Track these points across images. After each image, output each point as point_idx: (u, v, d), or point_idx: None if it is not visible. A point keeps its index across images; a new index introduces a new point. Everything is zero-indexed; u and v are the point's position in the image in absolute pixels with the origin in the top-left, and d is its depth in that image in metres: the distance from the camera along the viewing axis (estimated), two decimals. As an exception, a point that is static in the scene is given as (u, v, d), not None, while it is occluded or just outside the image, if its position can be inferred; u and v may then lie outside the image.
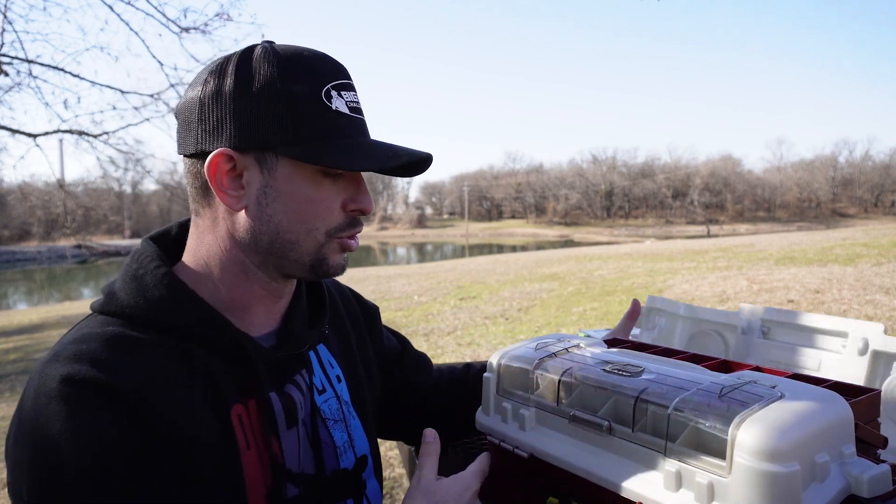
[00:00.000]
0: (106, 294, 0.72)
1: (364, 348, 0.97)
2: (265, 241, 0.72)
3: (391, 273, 14.22)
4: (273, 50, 0.71)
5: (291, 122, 0.68)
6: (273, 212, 0.71)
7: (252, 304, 0.77)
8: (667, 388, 0.67)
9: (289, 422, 0.76)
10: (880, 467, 0.58)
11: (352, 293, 1.03)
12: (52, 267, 34.46)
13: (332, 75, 0.72)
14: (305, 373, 0.81)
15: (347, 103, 0.73)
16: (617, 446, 0.69)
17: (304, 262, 0.74)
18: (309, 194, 0.71)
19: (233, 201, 0.71)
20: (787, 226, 64.88)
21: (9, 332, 9.21)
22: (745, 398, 0.62)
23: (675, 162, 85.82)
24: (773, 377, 0.68)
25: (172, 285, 0.71)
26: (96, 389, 0.60)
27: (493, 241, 57.62)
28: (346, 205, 0.75)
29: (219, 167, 0.70)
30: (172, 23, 7.63)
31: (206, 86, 0.71)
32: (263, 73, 0.69)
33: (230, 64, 0.70)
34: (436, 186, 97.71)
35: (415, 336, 6.39)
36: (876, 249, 10.04)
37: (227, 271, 0.75)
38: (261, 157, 0.70)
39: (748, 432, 0.56)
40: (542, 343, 0.88)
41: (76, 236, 18.53)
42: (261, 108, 0.68)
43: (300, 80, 0.69)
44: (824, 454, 0.58)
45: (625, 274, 9.57)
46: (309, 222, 0.72)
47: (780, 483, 0.54)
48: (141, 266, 0.73)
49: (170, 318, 0.69)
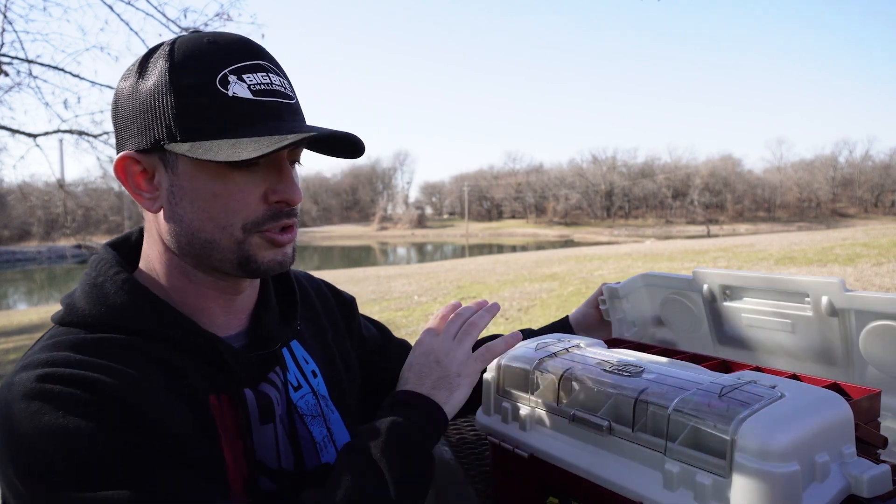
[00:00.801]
0: (66, 305, 0.71)
1: (341, 341, 0.96)
2: (185, 242, 0.70)
3: (391, 273, 14.22)
4: (171, 45, 0.68)
5: (181, 118, 0.66)
6: (183, 211, 0.69)
7: (206, 306, 0.75)
8: (667, 389, 0.67)
9: (263, 418, 0.75)
10: (880, 467, 0.58)
11: (326, 285, 1.02)
12: (52, 267, 34.44)
13: (232, 59, 0.67)
14: (280, 370, 0.80)
15: (251, 87, 0.67)
16: (617, 446, 0.69)
17: (229, 260, 0.70)
18: (215, 189, 0.67)
19: (148, 203, 0.71)
20: (787, 226, 64.89)
21: (9, 332, 9.21)
22: (745, 398, 0.61)
23: (675, 162, 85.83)
24: (773, 377, 0.68)
25: (134, 291, 0.70)
26: (79, 385, 0.59)
27: (493, 241, 57.61)
28: (268, 195, 0.70)
29: (127, 170, 0.70)
30: (172, 23, 7.62)
31: (119, 84, 0.71)
32: (157, 70, 0.67)
33: (134, 65, 0.70)
34: (436, 186, 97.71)
35: (415, 336, 6.39)
36: (876, 249, 10.04)
37: (172, 277, 0.73)
38: (163, 157, 0.68)
39: (748, 432, 0.56)
40: (542, 343, 0.88)
41: (76, 236, 18.51)
42: (152, 106, 0.67)
43: (189, 70, 0.66)
44: (824, 454, 0.58)
45: (625, 274, 9.56)
46: (220, 219, 0.68)
47: (780, 483, 0.54)
48: (100, 273, 0.72)
49: (133, 324, 0.68)
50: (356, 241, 64.31)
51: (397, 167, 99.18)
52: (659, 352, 0.90)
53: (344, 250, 47.37)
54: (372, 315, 1.65)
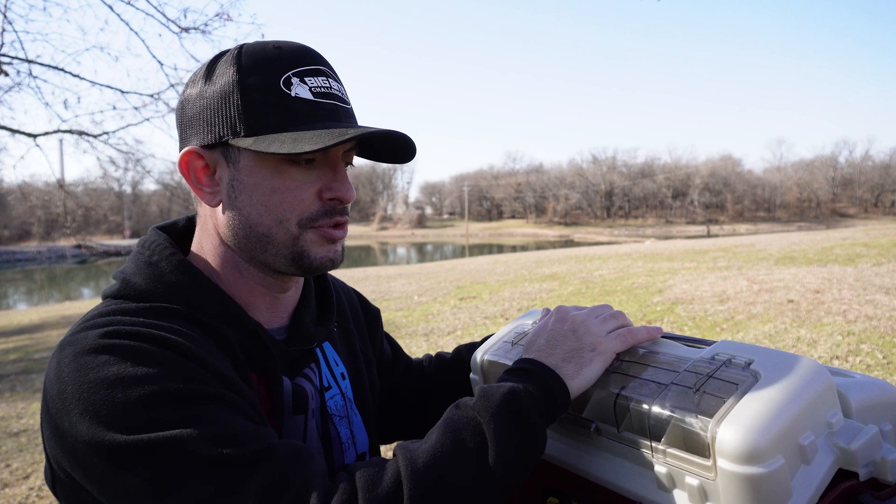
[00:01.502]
0: (120, 280, 0.73)
1: (366, 349, 0.98)
2: (242, 236, 0.73)
3: (391, 273, 14.21)
4: (240, 49, 0.72)
5: (246, 114, 0.69)
6: (242, 205, 0.72)
7: (253, 300, 0.77)
8: (643, 383, 0.66)
9: (296, 408, 0.77)
10: (866, 433, 0.56)
11: (357, 295, 1.04)
12: (52, 267, 34.44)
13: (295, 63, 0.71)
14: (315, 367, 0.82)
15: (312, 89, 0.71)
16: (607, 446, 0.68)
17: (283, 255, 0.73)
18: (273, 184, 0.71)
19: (208, 197, 0.73)
20: (787, 226, 64.85)
21: (9, 332, 9.21)
22: (720, 389, 0.59)
23: (675, 162, 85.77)
24: (750, 347, 0.65)
25: (189, 272, 0.72)
26: (143, 338, 0.62)
27: (493, 241, 57.59)
28: (322, 193, 0.73)
29: (190, 165, 0.73)
30: (172, 23, 7.63)
31: (186, 89, 0.74)
32: (225, 71, 0.71)
33: (201, 69, 0.73)
34: (436, 186, 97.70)
35: (415, 336, 6.39)
36: (876, 249, 10.04)
37: (224, 268, 0.76)
38: (226, 152, 0.71)
39: (727, 434, 0.55)
40: (518, 333, 0.86)
41: (76, 236, 18.53)
42: (219, 104, 0.70)
43: (256, 72, 0.70)
44: (809, 434, 0.56)
45: (625, 274, 9.56)
46: (277, 212, 0.71)
47: (765, 483, 0.53)
48: (154, 253, 0.74)
49: (188, 302, 0.70)
50: (356, 241, 64.29)
51: (397, 167, 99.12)
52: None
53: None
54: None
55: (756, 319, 5.55)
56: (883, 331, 4.72)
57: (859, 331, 4.79)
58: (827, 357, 4.37)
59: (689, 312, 6.11)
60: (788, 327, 5.18)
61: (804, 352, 4.59)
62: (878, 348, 4.38)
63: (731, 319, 5.67)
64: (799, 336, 4.91)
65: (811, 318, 5.35)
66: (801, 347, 4.67)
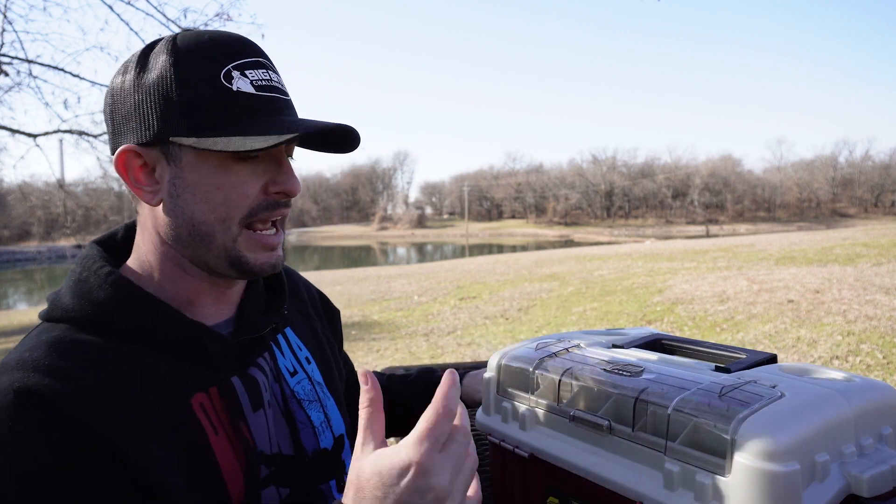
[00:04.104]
0: (51, 301, 0.71)
1: (328, 336, 0.98)
2: (185, 235, 0.71)
3: (391, 273, 14.22)
4: (173, 40, 0.69)
5: (186, 110, 0.67)
6: (185, 203, 0.69)
7: (199, 298, 0.75)
8: (667, 388, 0.67)
9: (254, 404, 0.75)
10: (880, 467, 0.58)
11: (318, 291, 1.05)
12: (52, 267, 34.40)
13: (234, 55, 0.69)
14: (268, 356, 0.81)
15: (253, 82, 0.69)
16: (617, 446, 0.69)
17: (222, 257, 0.71)
18: (218, 181, 0.69)
19: (148, 196, 0.71)
20: (787, 226, 64.89)
21: (9, 332, 9.20)
22: (745, 398, 0.61)
23: (675, 162, 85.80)
24: (774, 376, 0.68)
25: (117, 284, 0.70)
26: (39, 399, 0.58)
27: (493, 241, 57.60)
28: (269, 187, 0.71)
29: (127, 164, 0.70)
30: (172, 23, 7.62)
31: (116, 78, 0.71)
32: (159, 63, 0.68)
33: (132, 60, 0.70)
34: (436, 186, 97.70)
35: (415, 336, 6.39)
36: (876, 249, 10.04)
37: (166, 268, 0.74)
38: (166, 150, 0.69)
39: (748, 432, 0.56)
40: (542, 343, 0.88)
41: (76, 236, 18.46)
42: (156, 99, 0.67)
43: (194, 65, 0.67)
44: (824, 454, 0.58)
45: (625, 274, 9.56)
46: (221, 210, 0.69)
47: (780, 483, 0.54)
48: (85, 269, 0.72)
49: (116, 318, 0.68)
50: (356, 241, 64.32)
51: (397, 167, 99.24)
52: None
53: (344, 250, 47.38)
54: (372, 315, 1.65)
55: (756, 319, 5.55)
56: (883, 331, 4.72)
57: (859, 331, 4.79)
58: (827, 357, 4.37)
59: (689, 312, 6.12)
60: (788, 327, 5.18)
61: (804, 352, 4.59)
62: (878, 348, 4.38)
63: (731, 319, 5.68)
64: (799, 336, 4.91)
65: (811, 318, 5.36)
66: (801, 347, 4.68)
